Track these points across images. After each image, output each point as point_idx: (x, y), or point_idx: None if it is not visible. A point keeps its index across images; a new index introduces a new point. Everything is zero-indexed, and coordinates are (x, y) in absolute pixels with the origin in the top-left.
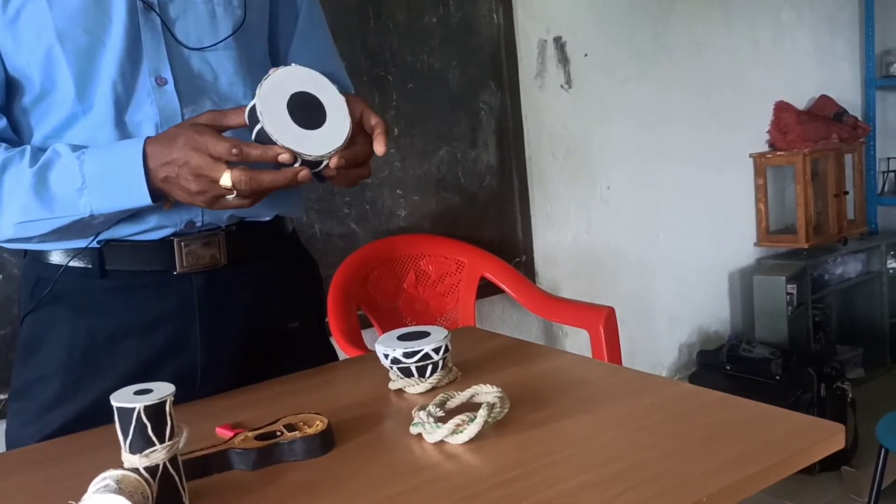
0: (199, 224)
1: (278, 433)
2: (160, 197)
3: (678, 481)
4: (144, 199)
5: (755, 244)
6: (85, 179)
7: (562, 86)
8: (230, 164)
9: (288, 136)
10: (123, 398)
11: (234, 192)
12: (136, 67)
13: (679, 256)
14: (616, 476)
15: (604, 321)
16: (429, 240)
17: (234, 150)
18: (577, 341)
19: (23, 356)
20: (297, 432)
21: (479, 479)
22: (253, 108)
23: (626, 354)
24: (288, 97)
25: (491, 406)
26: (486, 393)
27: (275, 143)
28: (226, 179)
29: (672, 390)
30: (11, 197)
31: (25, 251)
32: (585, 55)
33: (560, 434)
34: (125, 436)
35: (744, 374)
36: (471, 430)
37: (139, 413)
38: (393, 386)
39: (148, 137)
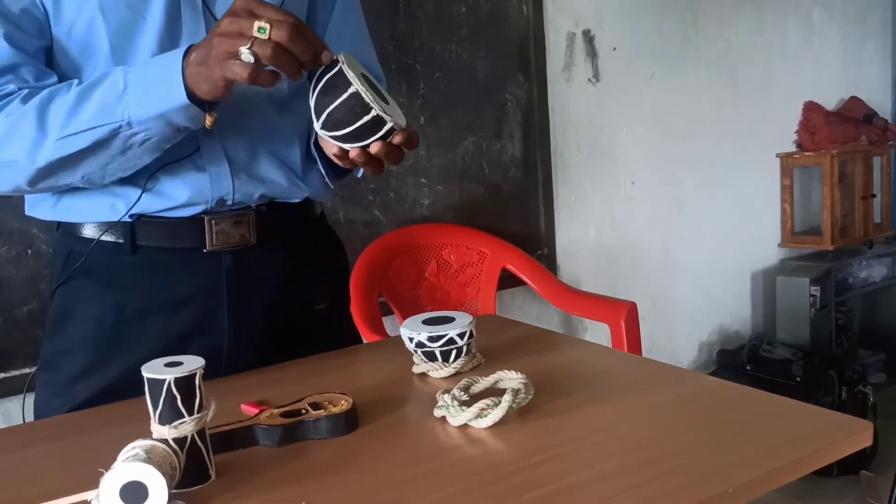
0: (229, 202)
1: (303, 411)
2: (196, 99)
3: (702, 472)
4: (179, 95)
5: (779, 245)
6: (127, 85)
7: (589, 79)
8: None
9: (366, 91)
10: (154, 370)
11: (253, 42)
12: (174, 44)
13: (702, 255)
14: (639, 466)
15: (625, 316)
16: (451, 229)
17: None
18: (597, 336)
19: (52, 328)
20: (322, 411)
21: (502, 464)
22: (334, 63)
23: (646, 351)
24: (360, 72)
25: (516, 392)
26: (511, 379)
27: (350, 87)
28: (261, 24)
29: (697, 383)
30: (56, 118)
31: (59, 224)
32: (614, 49)
33: (583, 422)
34: (155, 407)
35: (764, 375)
36: (495, 415)
37: (169, 384)
38: (416, 370)
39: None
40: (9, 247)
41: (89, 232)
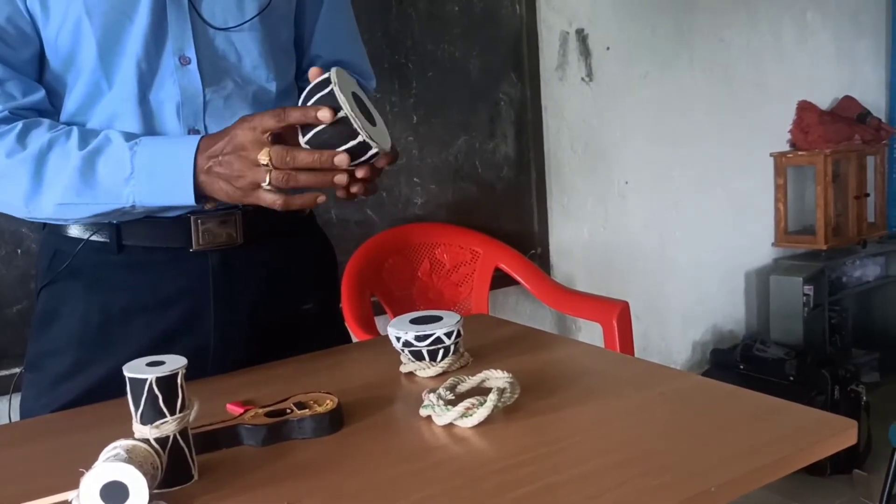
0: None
1: (288, 411)
2: (203, 197)
3: (685, 471)
4: (188, 196)
5: (773, 244)
6: (134, 169)
7: (583, 79)
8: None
9: (355, 116)
10: (136, 369)
11: (269, 177)
12: (160, 46)
13: (695, 254)
14: (622, 465)
15: (617, 315)
16: (444, 229)
17: (277, 117)
18: (590, 335)
19: (38, 328)
20: (307, 410)
21: (487, 462)
22: (325, 81)
23: (639, 351)
24: (351, 91)
25: (501, 391)
26: (497, 378)
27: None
28: (264, 155)
29: (683, 382)
30: (55, 177)
31: (44, 224)
32: (608, 48)
33: (569, 421)
34: (136, 406)
35: (757, 374)
36: (480, 414)
37: (151, 384)
38: (404, 369)
39: (205, 135)
40: None
41: (75, 232)
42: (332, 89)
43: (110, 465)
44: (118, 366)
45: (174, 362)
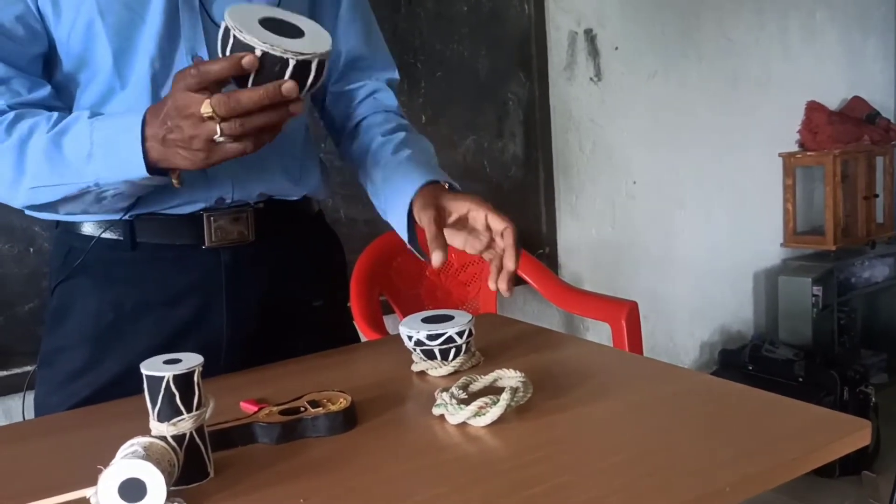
0: (228, 201)
1: (302, 409)
2: (162, 171)
3: (696, 470)
4: (140, 168)
5: (781, 244)
6: (93, 146)
7: (591, 78)
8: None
9: (262, 40)
10: (153, 367)
11: (220, 128)
12: (173, 45)
13: (704, 254)
14: (635, 463)
15: (626, 315)
16: None
17: (193, 70)
18: (598, 335)
19: (51, 324)
20: (321, 409)
21: (500, 461)
22: (225, 30)
23: (647, 351)
24: (258, 18)
25: (514, 390)
26: (509, 378)
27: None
28: (206, 107)
29: (694, 380)
30: (31, 161)
31: (57, 222)
32: (616, 48)
33: (580, 420)
34: (153, 404)
35: (766, 375)
36: (493, 413)
37: (168, 382)
38: (415, 368)
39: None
40: (10, 244)
41: (88, 229)
42: (234, 36)
43: (128, 462)
44: (130, 363)
45: (191, 360)
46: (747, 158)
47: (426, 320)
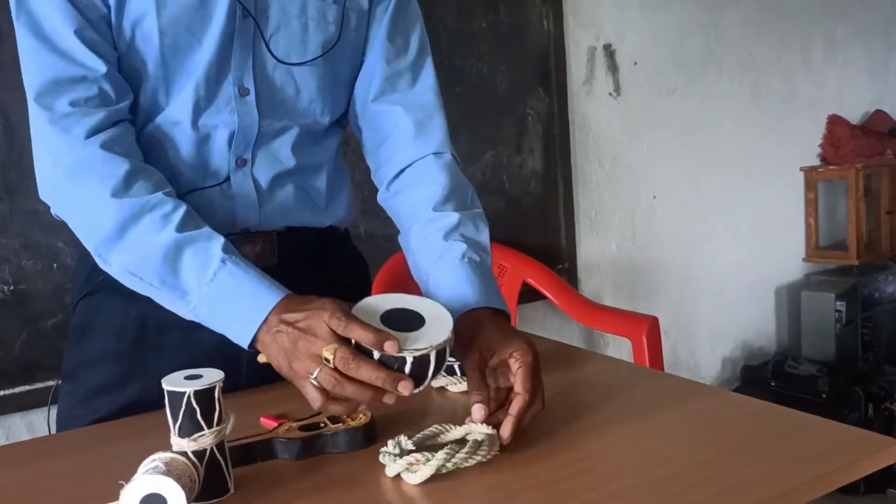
0: (253, 231)
1: (322, 425)
2: (256, 350)
3: (723, 488)
4: (243, 338)
5: (804, 259)
6: (211, 286)
7: (610, 93)
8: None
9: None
10: (174, 382)
11: (318, 372)
12: (222, 74)
13: (725, 270)
14: (659, 481)
15: (647, 331)
16: None
17: (345, 319)
18: (618, 350)
19: (75, 339)
20: (341, 424)
21: (523, 478)
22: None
23: (668, 367)
24: (383, 310)
25: (453, 452)
26: (478, 432)
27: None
28: (329, 351)
29: (717, 398)
30: (140, 243)
31: None
32: (635, 63)
33: (603, 438)
34: (175, 419)
35: (789, 391)
36: (424, 472)
37: (189, 397)
38: (435, 383)
39: (291, 294)
40: (35, 260)
41: None
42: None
43: (150, 478)
44: (153, 380)
45: (212, 376)
46: (769, 173)
47: None
